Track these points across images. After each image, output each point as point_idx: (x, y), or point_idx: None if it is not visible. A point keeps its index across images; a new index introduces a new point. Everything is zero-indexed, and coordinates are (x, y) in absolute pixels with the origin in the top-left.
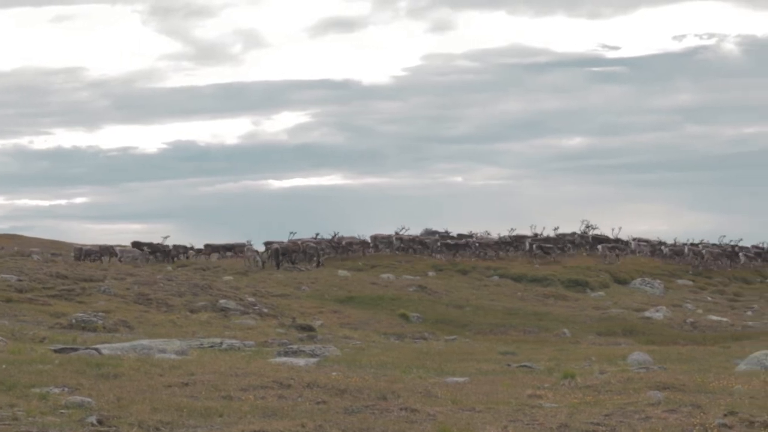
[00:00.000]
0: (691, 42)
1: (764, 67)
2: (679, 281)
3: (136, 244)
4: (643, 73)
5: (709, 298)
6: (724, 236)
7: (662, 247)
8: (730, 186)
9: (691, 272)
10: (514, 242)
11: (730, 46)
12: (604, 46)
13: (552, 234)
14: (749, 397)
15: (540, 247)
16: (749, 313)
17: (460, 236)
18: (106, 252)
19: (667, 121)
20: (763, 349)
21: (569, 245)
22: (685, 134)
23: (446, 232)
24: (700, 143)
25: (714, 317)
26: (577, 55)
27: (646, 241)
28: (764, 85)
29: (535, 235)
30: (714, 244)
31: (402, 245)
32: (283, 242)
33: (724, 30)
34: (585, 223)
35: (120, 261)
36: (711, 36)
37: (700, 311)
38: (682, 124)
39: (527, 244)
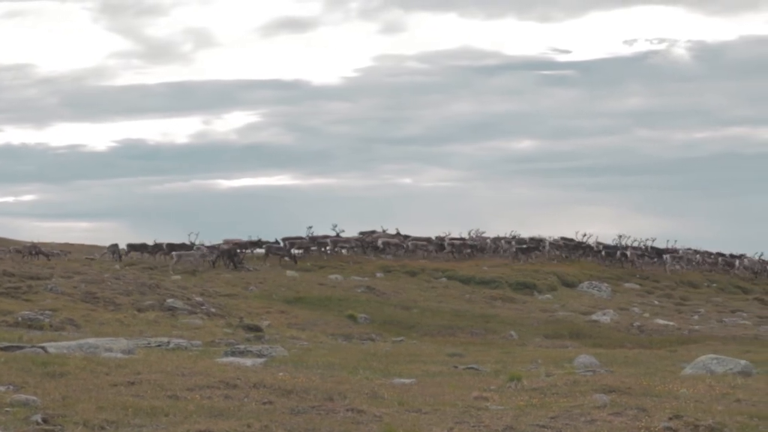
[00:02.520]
0: (642, 46)
1: (715, 72)
2: (627, 284)
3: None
4: (593, 76)
5: (656, 302)
6: (655, 239)
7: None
8: (680, 190)
9: (638, 276)
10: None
11: (680, 51)
12: (555, 50)
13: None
14: (694, 401)
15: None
16: (696, 317)
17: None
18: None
19: (617, 125)
20: (709, 353)
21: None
22: (636, 138)
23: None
24: (650, 147)
25: (661, 321)
26: (528, 59)
27: (571, 240)
28: (715, 90)
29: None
30: (638, 247)
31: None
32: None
33: (675, 35)
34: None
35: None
36: (662, 41)
37: (647, 315)
38: (633, 128)
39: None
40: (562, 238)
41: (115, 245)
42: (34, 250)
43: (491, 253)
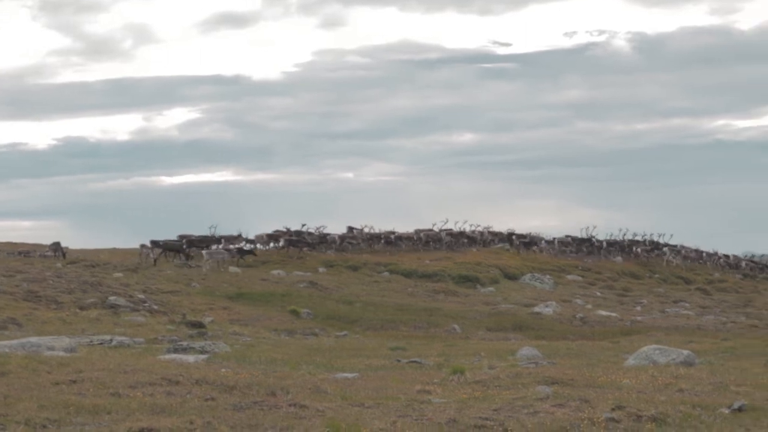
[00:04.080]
0: (581, 38)
1: (654, 63)
2: (569, 276)
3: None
4: (533, 69)
5: (599, 294)
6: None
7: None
8: (620, 181)
9: (580, 267)
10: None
11: (620, 43)
12: (495, 43)
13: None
14: (637, 392)
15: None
16: (638, 308)
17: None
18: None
19: (557, 117)
20: (652, 344)
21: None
22: (576, 130)
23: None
24: (590, 139)
25: (603, 312)
26: (468, 52)
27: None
28: (654, 82)
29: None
30: (567, 236)
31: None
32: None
33: (615, 27)
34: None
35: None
36: (601, 32)
37: (589, 306)
38: (573, 120)
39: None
40: (567, 236)
41: (57, 243)
42: None
43: (481, 245)
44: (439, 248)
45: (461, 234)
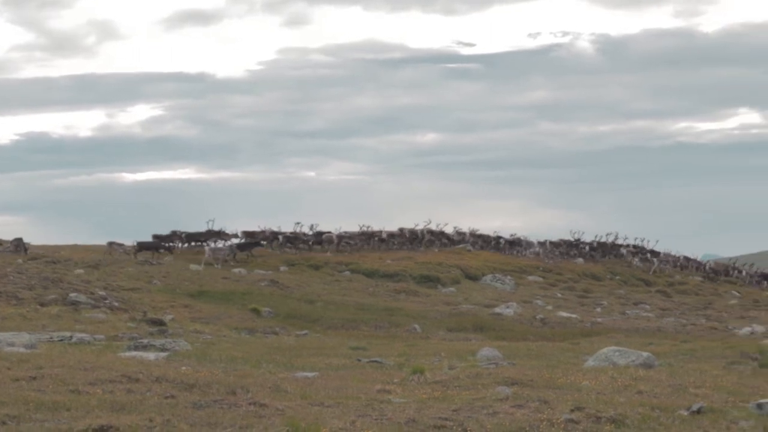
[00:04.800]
0: (545, 39)
1: (618, 65)
2: (530, 277)
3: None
4: (497, 70)
5: (559, 295)
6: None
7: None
8: (583, 183)
9: (541, 269)
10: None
11: (584, 44)
12: (459, 43)
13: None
14: (596, 393)
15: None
16: (598, 309)
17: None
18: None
19: (521, 118)
20: (612, 346)
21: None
22: (539, 131)
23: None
24: (554, 140)
25: (564, 314)
26: (432, 51)
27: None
28: (618, 84)
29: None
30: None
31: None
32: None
33: (579, 28)
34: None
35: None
36: (565, 34)
37: (549, 308)
38: (536, 121)
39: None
40: (561, 239)
41: (19, 239)
42: None
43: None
44: (432, 247)
45: (442, 234)
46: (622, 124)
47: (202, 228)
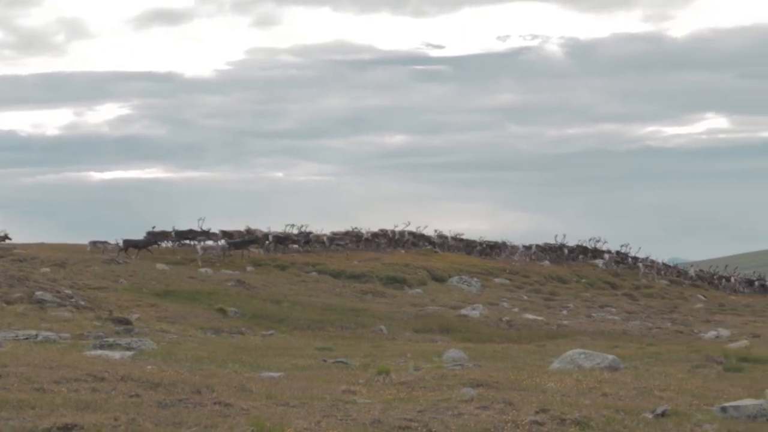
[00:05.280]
0: (515, 42)
1: (587, 69)
2: (496, 279)
3: None
4: (466, 72)
5: (525, 297)
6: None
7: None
8: (551, 186)
9: (508, 271)
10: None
11: (553, 48)
12: (429, 45)
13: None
14: (561, 395)
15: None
16: (564, 312)
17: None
18: None
19: (489, 121)
20: (577, 348)
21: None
22: (507, 134)
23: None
24: (522, 143)
25: (530, 316)
26: (401, 53)
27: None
28: (587, 87)
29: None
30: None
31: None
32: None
33: (548, 31)
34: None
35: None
36: (534, 37)
37: (516, 310)
38: (505, 124)
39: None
40: (546, 243)
41: None
42: None
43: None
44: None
45: (423, 236)
46: (590, 128)
47: (169, 228)
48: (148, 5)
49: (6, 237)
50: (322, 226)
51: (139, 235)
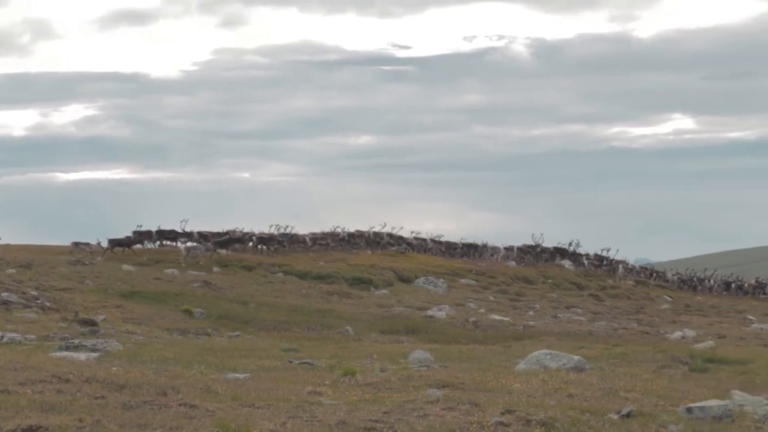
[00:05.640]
0: (481, 43)
1: (553, 69)
2: (463, 280)
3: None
4: (432, 72)
5: (492, 298)
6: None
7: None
8: (516, 186)
9: (474, 272)
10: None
11: (519, 48)
12: (395, 45)
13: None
14: (527, 396)
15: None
16: (531, 312)
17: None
18: None
19: (455, 121)
20: (543, 349)
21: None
22: (473, 134)
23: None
24: (487, 144)
25: (496, 317)
26: (368, 54)
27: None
28: (552, 87)
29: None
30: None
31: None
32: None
33: (514, 32)
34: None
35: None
36: (501, 37)
37: (482, 310)
38: (470, 124)
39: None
40: (525, 245)
41: None
42: None
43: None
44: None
45: (401, 239)
46: (556, 128)
47: (153, 228)
48: (114, 6)
49: None
50: (289, 226)
51: (112, 235)
